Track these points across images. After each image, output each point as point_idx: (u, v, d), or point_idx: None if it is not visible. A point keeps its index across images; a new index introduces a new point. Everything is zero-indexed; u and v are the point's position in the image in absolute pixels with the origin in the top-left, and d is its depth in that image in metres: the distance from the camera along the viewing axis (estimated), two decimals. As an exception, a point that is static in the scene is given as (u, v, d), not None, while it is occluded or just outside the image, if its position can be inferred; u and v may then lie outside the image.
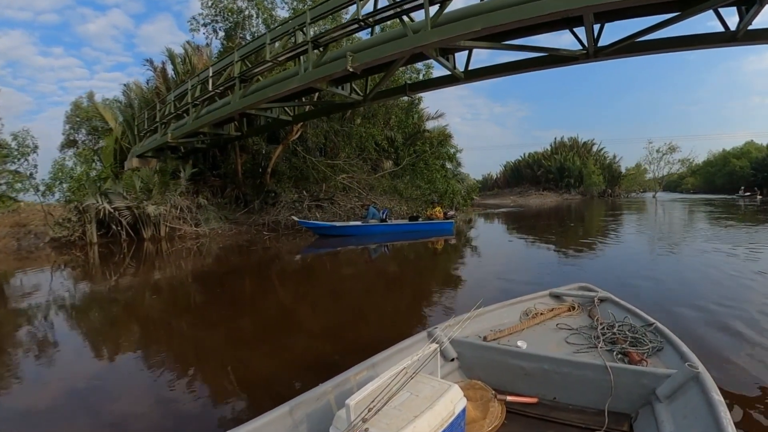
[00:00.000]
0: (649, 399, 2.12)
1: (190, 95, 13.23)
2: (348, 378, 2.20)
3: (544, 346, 2.76)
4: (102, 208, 12.60)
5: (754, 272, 6.92)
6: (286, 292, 7.27)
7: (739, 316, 4.55)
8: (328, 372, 2.26)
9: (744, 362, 3.40)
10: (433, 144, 19.35)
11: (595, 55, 7.28)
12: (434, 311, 5.37)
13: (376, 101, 10.96)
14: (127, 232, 13.16)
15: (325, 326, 4.99)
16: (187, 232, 13.34)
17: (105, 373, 3.76)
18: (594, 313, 3.24)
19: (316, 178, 16.04)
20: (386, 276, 8.41)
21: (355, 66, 7.67)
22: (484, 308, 3.13)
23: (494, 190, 61.07)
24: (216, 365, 3.88)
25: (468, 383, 2.45)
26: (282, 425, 1.88)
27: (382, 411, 1.59)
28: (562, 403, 2.33)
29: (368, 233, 13.48)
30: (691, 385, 1.99)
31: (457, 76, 8.38)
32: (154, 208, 12.60)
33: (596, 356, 2.53)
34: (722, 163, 61.42)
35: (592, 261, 8.87)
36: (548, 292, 3.72)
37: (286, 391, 2.53)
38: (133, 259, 10.51)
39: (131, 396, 3.23)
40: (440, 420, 1.66)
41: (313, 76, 8.56)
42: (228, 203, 16.64)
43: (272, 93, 9.82)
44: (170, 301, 6.63)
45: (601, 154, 56.65)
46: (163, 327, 5.27)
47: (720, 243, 10.42)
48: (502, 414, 2.21)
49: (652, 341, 2.66)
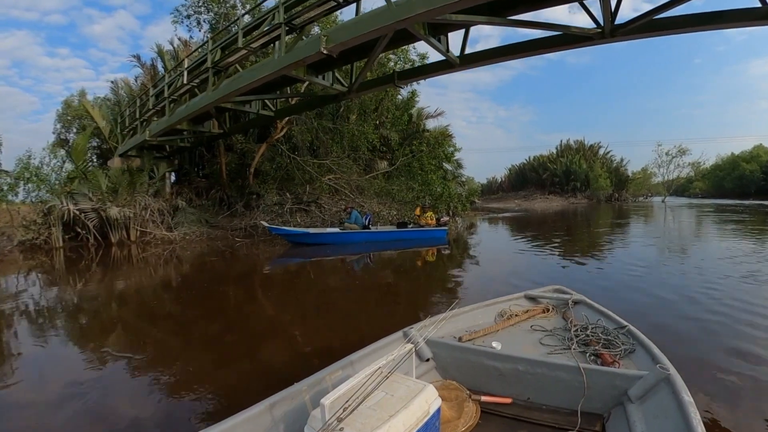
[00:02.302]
0: (621, 400, 2.14)
1: (166, 90, 12.33)
2: (323, 377, 2.19)
3: (519, 347, 2.75)
4: (66, 209, 11.53)
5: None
6: (231, 322, 5.43)
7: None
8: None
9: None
10: (430, 143, 17.87)
11: (611, 34, 6.17)
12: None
13: (362, 92, 9.80)
14: (94, 236, 12.09)
15: (266, 368, 3.82)
16: (157, 236, 12.22)
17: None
18: (568, 315, 3.24)
19: (301, 180, 14.73)
20: (359, 300, 6.48)
21: (330, 47, 6.55)
22: (459, 309, 3.14)
23: (498, 193, 59.90)
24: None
25: (443, 383, 2.46)
26: (256, 424, 1.85)
27: (357, 410, 1.60)
28: (536, 403, 2.34)
29: (348, 242, 11.85)
30: (662, 386, 2.01)
31: (452, 62, 7.25)
32: (117, 211, 11.48)
33: (570, 357, 2.52)
34: (731, 167, 59.61)
35: (632, 289, 6.32)
36: (523, 294, 3.72)
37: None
38: (88, 268, 9.42)
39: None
40: (415, 419, 1.66)
41: (285, 61, 7.46)
42: (212, 205, 15.59)
43: (244, 83, 8.74)
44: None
45: (608, 157, 55.18)
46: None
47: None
48: (476, 414, 2.23)
49: (625, 343, 2.67)
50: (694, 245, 11.94)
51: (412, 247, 11.44)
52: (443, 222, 12.95)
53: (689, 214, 26.37)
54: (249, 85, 8.70)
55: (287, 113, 12.50)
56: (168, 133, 13.90)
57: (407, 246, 11.52)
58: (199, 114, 11.88)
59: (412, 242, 11.94)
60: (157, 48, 18.46)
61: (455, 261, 10.03)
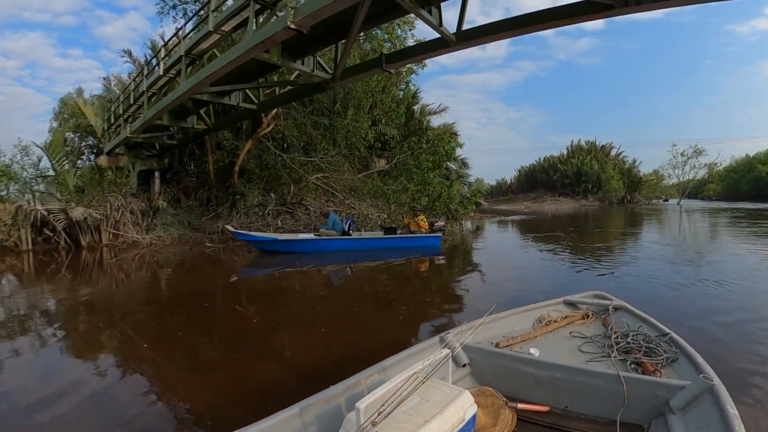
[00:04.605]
0: (662, 410, 2.04)
1: (145, 83, 11.47)
2: (359, 381, 2.14)
3: (557, 354, 2.68)
4: (33, 210, 10.66)
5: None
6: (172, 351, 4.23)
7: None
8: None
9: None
10: (430, 139, 16.50)
11: (626, 3, 5.08)
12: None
13: (349, 79, 8.69)
14: (65, 239, 11.20)
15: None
16: (128, 240, 11.27)
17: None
18: (608, 322, 3.14)
19: (288, 179, 13.56)
20: (321, 332, 4.70)
21: (299, 21, 5.51)
22: (496, 314, 3.04)
23: (508, 195, 58.59)
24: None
25: (479, 389, 2.38)
26: (291, 426, 1.82)
27: (391, 415, 1.57)
28: (574, 412, 2.26)
29: (324, 250, 10.27)
30: (705, 398, 1.91)
31: (447, 39, 6.18)
32: (82, 212, 10.54)
33: (609, 365, 2.45)
34: (746, 169, 57.42)
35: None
36: (562, 299, 3.61)
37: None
38: (41, 274, 8.49)
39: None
40: (450, 426, 1.63)
41: (252, 41, 6.45)
42: (199, 206, 14.66)
43: (214, 69, 7.74)
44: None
45: (620, 158, 53.41)
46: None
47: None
48: (512, 421, 2.14)
49: (667, 351, 2.56)
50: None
51: (401, 257, 9.82)
52: (437, 227, 11.40)
53: (716, 221, 22.15)
54: (220, 70, 7.68)
55: (271, 105, 11.47)
56: (151, 130, 13.05)
57: (394, 255, 9.94)
58: (177, 107, 10.98)
59: (400, 251, 10.41)
60: (151, 43, 17.92)
61: (444, 280, 7.94)
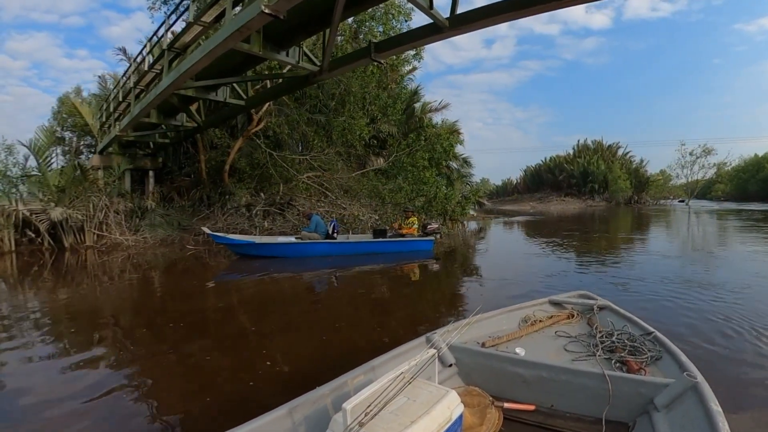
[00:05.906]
0: (647, 408, 2.05)
1: (132, 80, 11.10)
2: (345, 382, 2.13)
3: (543, 354, 2.69)
4: (15, 210, 10.26)
5: None
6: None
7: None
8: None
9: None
10: (427, 136, 15.86)
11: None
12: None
13: (337, 71, 8.14)
14: (48, 240, 10.80)
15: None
16: (109, 241, 10.83)
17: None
18: (593, 321, 3.14)
19: (278, 178, 12.99)
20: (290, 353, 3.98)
21: (274, 6, 5.01)
22: (482, 314, 3.05)
23: (514, 195, 57.95)
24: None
25: (465, 389, 2.39)
26: (278, 427, 1.82)
27: (378, 415, 1.57)
28: (560, 410, 2.27)
29: (306, 254, 9.58)
30: (689, 395, 1.93)
31: (439, 24, 5.67)
32: (61, 212, 10.11)
33: (594, 364, 2.47)
34: (755, 169, 56.18)
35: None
36: (548, 299, 3.60)
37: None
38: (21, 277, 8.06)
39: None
40: (437, 425, 1.63)
41: (229, 29, 5.97)
42: (192, 206, 14.22)
43: (193, 62, 7.28)
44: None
45: (627, 158, 52.42)
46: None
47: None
48: (499, 421, 2.16)
49: (651, 350, 2.57)
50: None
51: (391, 262, 9.09)
52: (430, 230, 10.65)
53: (730, 223, 20.58)
54: (200, 63, 7.22)
55: (259, 100, 10.99)
56: (142, 128, 12.70)
57: (383, 261, 9.26)
58: (165, 104, 10.56)
59: (389, 256, 9.74)
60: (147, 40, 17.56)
61: (433, 293, 6.98)
